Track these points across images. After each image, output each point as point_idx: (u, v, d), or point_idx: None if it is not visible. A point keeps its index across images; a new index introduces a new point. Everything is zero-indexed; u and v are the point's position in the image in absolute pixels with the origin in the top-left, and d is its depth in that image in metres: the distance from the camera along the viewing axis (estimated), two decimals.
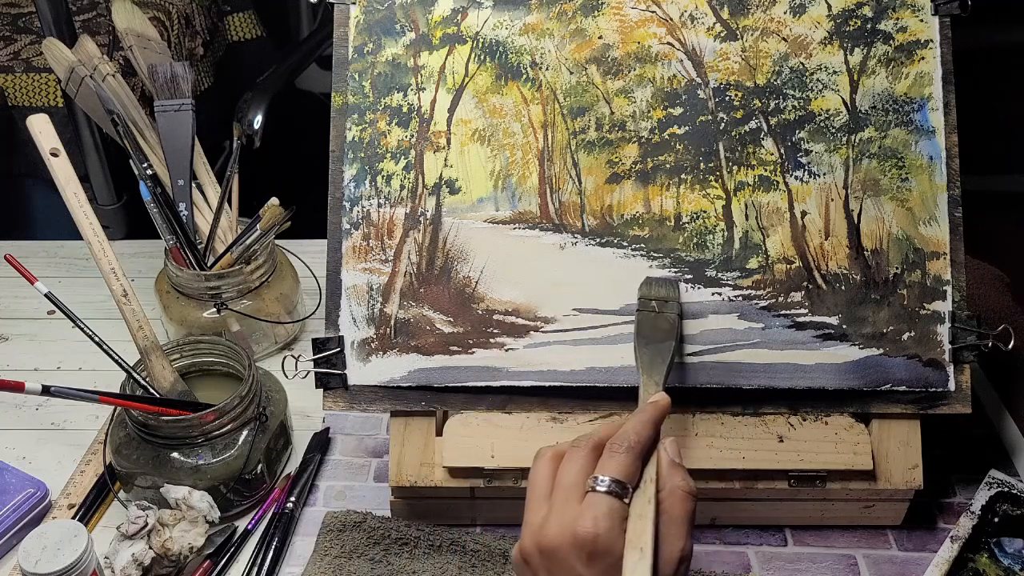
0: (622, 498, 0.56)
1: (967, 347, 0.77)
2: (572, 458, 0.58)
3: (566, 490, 0.57)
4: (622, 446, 0.58)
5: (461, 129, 0.80)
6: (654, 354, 0.70)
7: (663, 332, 0.72)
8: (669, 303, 0.74)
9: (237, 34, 1.64)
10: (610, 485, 0.56)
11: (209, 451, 0.81)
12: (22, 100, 1.29)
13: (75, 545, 0.70)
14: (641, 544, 0.54)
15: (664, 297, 0.75)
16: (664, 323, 0.73)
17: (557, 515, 0.56)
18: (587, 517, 0.54)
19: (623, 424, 0.60)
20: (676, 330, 0.73)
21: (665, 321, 0.73)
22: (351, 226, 0.79)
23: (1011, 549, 0.78)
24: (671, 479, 0.58)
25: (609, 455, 0.58)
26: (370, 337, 0.78)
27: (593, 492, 0.56)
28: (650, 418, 0.61)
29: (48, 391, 0.77)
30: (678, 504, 0.57)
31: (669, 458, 0.59)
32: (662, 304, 0.74)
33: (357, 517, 0.82)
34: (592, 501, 0.55)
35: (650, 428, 0.60)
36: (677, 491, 0.57)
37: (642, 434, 0.59)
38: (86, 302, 0.95)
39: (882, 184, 0.78)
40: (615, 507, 0.55)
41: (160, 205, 0.94)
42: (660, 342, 0.71)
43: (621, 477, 0.56)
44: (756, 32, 0.79)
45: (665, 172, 0.79)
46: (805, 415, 0.78)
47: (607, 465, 0.57)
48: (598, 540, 0.53)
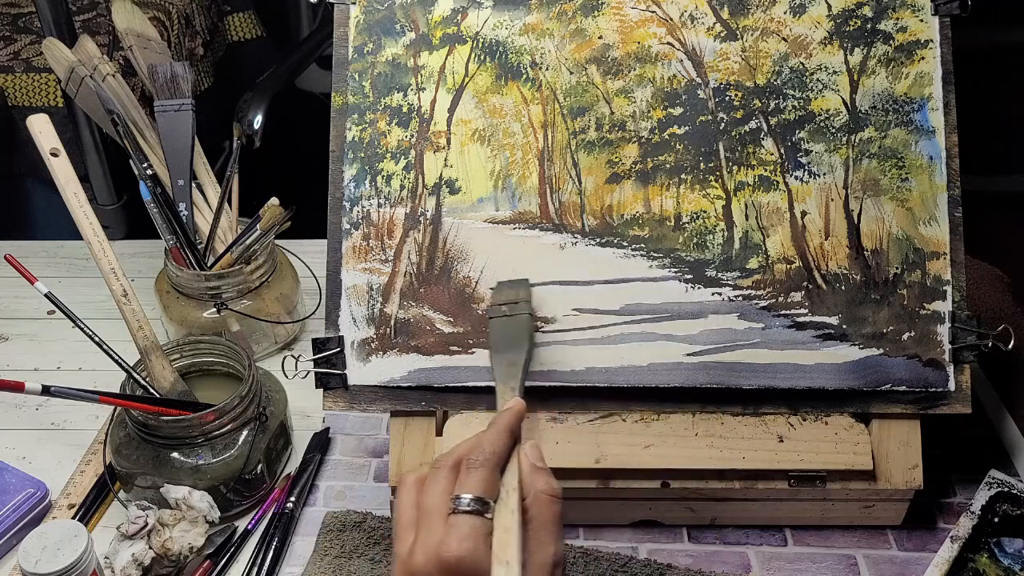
0: (484, 514, 0.54)
1: (967, 347, 0.77)
2: (433, 480, 0.57)
3: (430, 514, 0.55)
4: (478, 460, 0.56)
5: (461, 129, 0.80)
6: (507, 362, 0.68)
7: (515, 337, 0.70)
8: (519, 304, 0.73)
9: (237, 34, 1.64)
10: (471, 503, 0.54)
11: (209, 451, 0.81)
12: (22, 100, 1.29)
13: (75, 545, 0.70)
14: (507, 557, 0.52)
15: (514, 299, 0.73)
16: (514, 326, 0.71)
17: (422, 541, 0.54)
18: (451, 540, 0.53)
19: (479, 437, 0.59)
20: (528, 331, 0.71)
21: (515, 324, 0.71)
22: (351, 226, 0.79)
23: (1011, 549, 0.78)
24: (534, 485, 0.57)
25: (467, 472, 0.56)
26: (370, 337, 0.78)
27: (455, 513, 0.54)
28: (504, 426, 0.59)
29: (48, 391, 0.77)
30: (544, 509, 0.56)
31: (530, 463, 0.58)
32: (512, 307, 0.73)
33: (357, 517, 0.82)
34: (454, 523, 0.54)
35: (505, 437, 0.58)
36: (541, 496, 0.56)
37: (496, 444, 0.58)
38: (86, 302, 0.95)
39: (882, 184, 0.78)
40: (477, 525, 0.54)
41: (160, 205, 0.94)
42: (513, 348, 0.69)
43: (480, 493, 0.55)
44: (756, 32, 0.79)
45: (665, 172, 0.79)
46: (805, 415, 0.78)
47: (465, 483, 0.55)
48: (462, 562, 0.52)
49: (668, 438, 0.77)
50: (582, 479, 0.78)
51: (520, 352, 0.69)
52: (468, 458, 0.57)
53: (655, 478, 0.78)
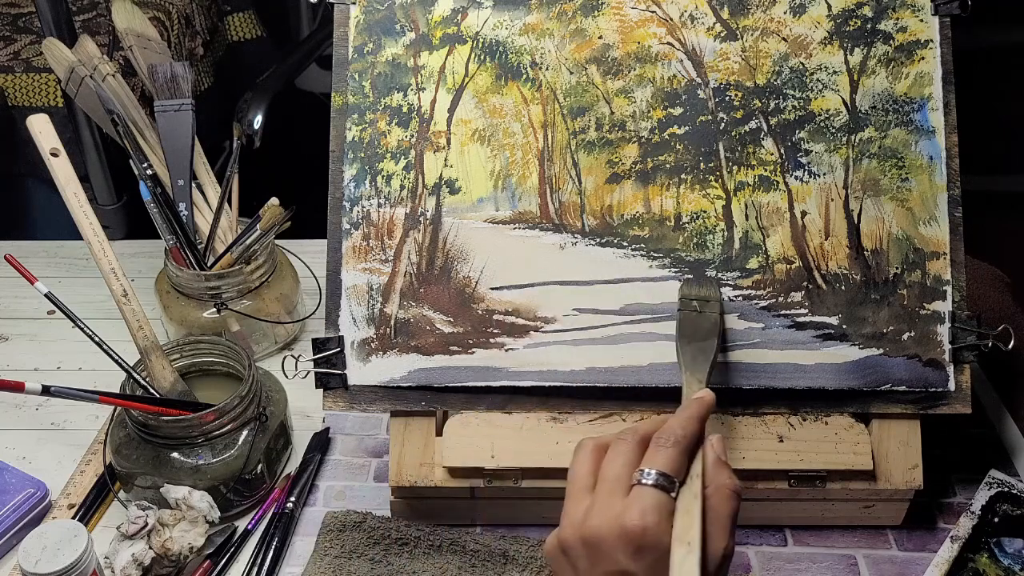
0: (669, 492, 0.55)
1: (967, 347, 0.77)
2: (618, 450, 0.57)
3: (611, 482, 0.56)
4: (669, 440, 0.57)
5: (461, 129, 0.80)
6: (696, 352, 0.69)
7: (705, 331, 0.72)
8: (711, 303, 0.74)
9: (237, 34, 1.64)
10: (657, 478, 0.55)
11: (209, 451, 0.81)
12: (22, 100, 1.29)
13: (75, 545, 0.70)
14: (688, 538, 0.53)
15: (705, 297, 0.75)
16: (706, 322, 0.73)
17: (602, 507, 0.55)
18: (634, 510, 0.53)
19: (669, 419, 0.59)
20: (718, 329, 0.73)
21: (707, 320, 0.73)
22: (351, 226, 0.79)
23: (1011, 549, 0.78)
24: (717, 477, 0.57)
25: (656, 448, 0.57)
26: (370, 337, 0.78)
27: (640, 485, 0.55)
28: (696, 414, 0.60)
29: (48, 391, 0.77)
30: (723, 502, 0.56)
31: (715, 455, 0.58)
32: (703, 304, 0.74)
33: (357, 517, 0.82)
34: (639, 494, 0.54)
35: (696, 424, 0.59)
36: (723, 489, 0.57)
37: (688, 429, 0.58)
38: (86, 302, 0.95)
39: (882, 184, 0.78)
40: (662, 501, 0.54)
41: (160, 205, 0.94)
42: (702, 340, 0.71)
43: (668, 471, 0.55)
44: (756, 32, 0.79)
45: (665, 172, 0.79)
46: (805, 415, 0.78)
47: (654, 459, 0.56)
48: (646, 533, 0.53)
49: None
50: None
51: (710, 346, 0.70)
52: (659, 436, 0.57)
53: None
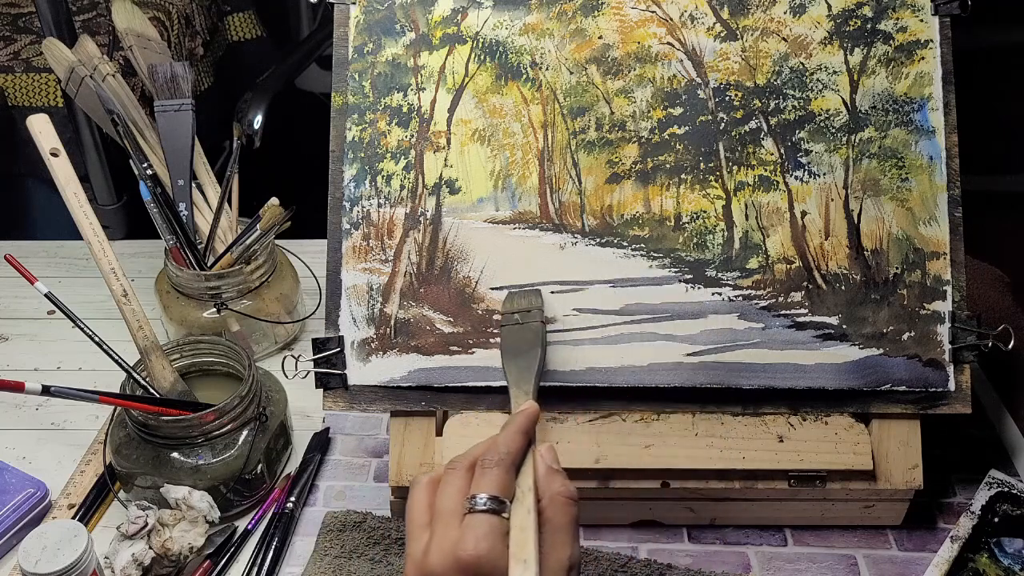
0: (500, 514, 0.54)
1: (967, 347, 0.77)
2: (448, 481, 0.57)
3: (445, 515, 0.55)
4: (493, 460, 0.56)
5: (461, 129, 0.80)
6: (521, 366, 0.69)
7: (527, 342, 0.71)
8: (532, 312, 0.74)
9: (237, 34, 1.64)
10: (487, 502, 0.54)
11: (209, 451, 0.81)
12: (22, 100, 1.29)
13: (75, 545, 0.70)
14: (524, 556, 0.52)
15: (526, 308, 0.74)
16: (528, 333, 0.72)
17: (438, 542, 0.54)
18: (468, 539, 0.52)
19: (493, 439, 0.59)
20: (541, 337, 0.72)
21: (528, 331, 0.72)
22: (351, 226, 0.79)
23: (1011, 549, 0.78)
24: (550, 486, 0.56)
25: (481, 472, 0.56)
26: (370, 337, 0.78)
27: (471, 513, 0.54)
28: (519, 427, 0.59)
29: (48, 391, 0.77)
30: (560, 511, 0.55)
31: (546, 465, 0.58)
32: (524, 315, 0.74)
33: (357, 517, 0.82)
34: (471, 522, 0.53)
35: (520, 438, 0.58)
36: (557, 498, 0.56)
37: (512, 445, 0.58)
38: (86, 302, 0.95)
39: (882, 184, 0.78)
40: (495, 524, 0.53)
41: (160, 205, 0.94)
42: (525, 352, 0.70)
43: (497, 492, 0.54)
44: (756, 32, 0.79)
45: (665, 172, 0.79)
46: (805, 415, 0.78)
47: (480, 483, 0.55)
48: (481, 562, 0.52)
49: (668, 438, 0.77)
50: (582, 479, 0.78)
51: (533, 357, 0.69)
52: (483, 458, 0.57)
53: (655, 478, 0.78)
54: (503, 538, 0.53)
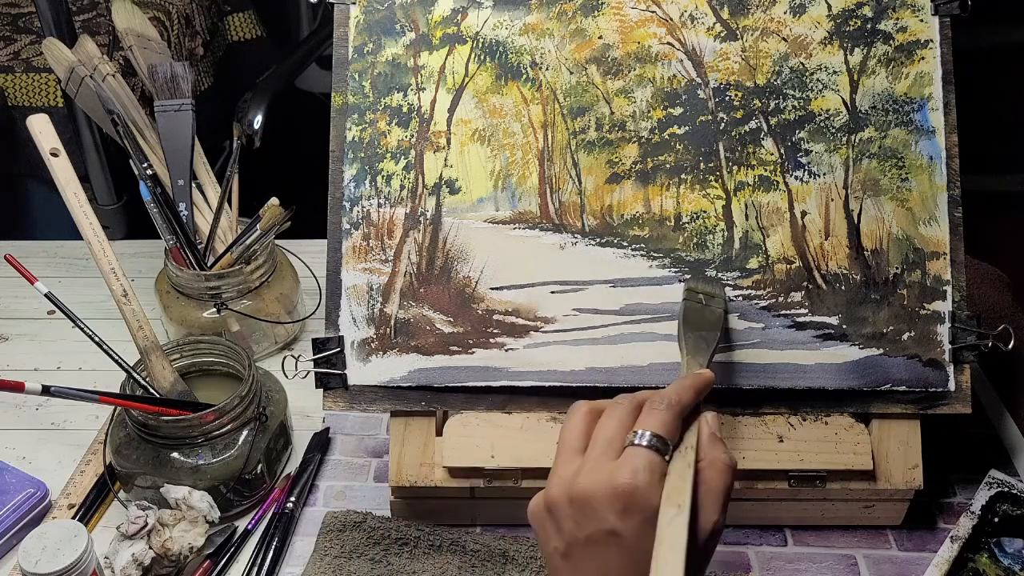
0: (663, 455, 0.54)
1: (967, 347, 0.77)
2: (612, 413, 0.57)
3: (604, 443, 0.55)
4: (663, 403, 0.57)
5: (461, 129, 0.80)
6: (699, 340, 0.70)
7: (709, 322, 0.73)
8: (716, 299, 0.75)
9: (237, 34, 1.64)
10: (651, 439, 0.54)
11: (209, 451, 0.81)
12: (22, 100, 1.29)
13: (75, 545, 0.70)
14: (679, 500, 0.52)
15: (711, 293, 0.75)
16: (710, 315, 0.74)
17: (593, 467, 0.54)
18: (626, 469, 0.53)
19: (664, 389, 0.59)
20: (722, 323, 0.73)
21: (711, 313, 0.74)
22: (351, 226, 0.79)
23: (1011, 549, 0.78)
24: (712, 450, 0.57)
25: (649, 411, 0.56)
26: (370, 337, 0.78)
27: (633, 446, 0.54)
28: (692, 384, 0.60)
29: (48, 391, 0.77)
30: (717, 476, 0.56)
31: (710, 430, 0.58)
32: (709, 298, 0.75)
33: (357, 517, 0.82)
34: (632, 454, 0.54)
35: (691, 393, 0.59)
36: (718, 462, 0.56)
37: (683, 396, 0.58)
38: (86, 302, 0.95)
39: (882, 184, 0.78)
40: (655, 461, 0.54)
41: (160, 205, 0.94)
42: (706, 330, 0.71)
43: (662, 432, 0.55)
44: (756, 32, 0.79)
45: (665, 172, 0.79)
46: (805, 415, 0.78)
47: (647, 420, 0.56)
48: (636, 492, 0.52)
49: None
50: None
51: (713, 337, 0.71)
52: (653, 400, 0.57)
53: None
54: (660, 478, 0.53)
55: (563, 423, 0.59)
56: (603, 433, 0.56)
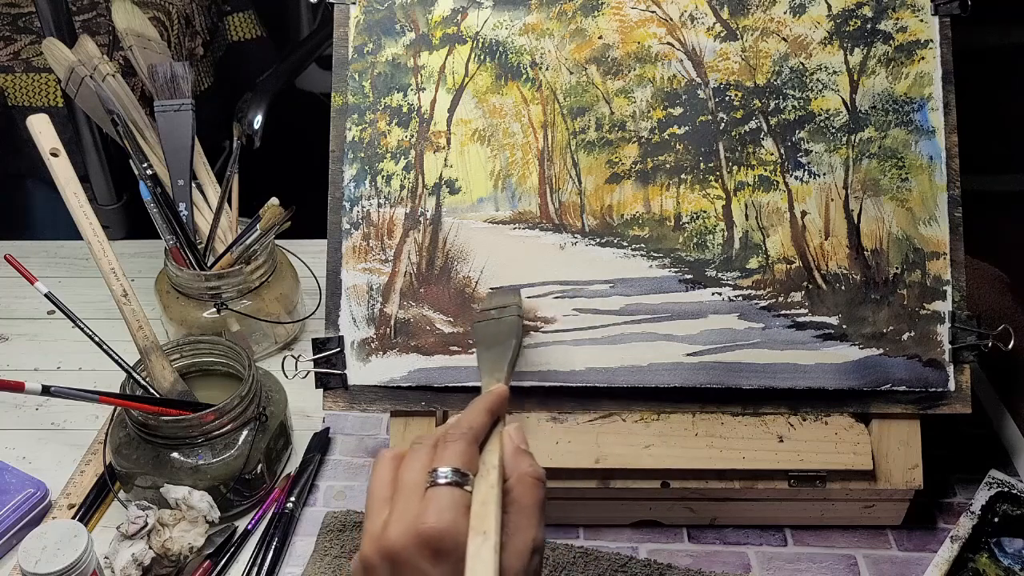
0: (463, 487, 0.52)
1: (967, 347, 0.77)
2: (412, 456, 0.55)
3: (407, 489, 0.53)
4: (456, 434, 0.55)
5: (461, 129, 0.80)
6: (493, 357, 0.67)
7: (503, 334, 0.70)
8: (508, 307, 0.73)
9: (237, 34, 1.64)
10: (449, 475, 0.52)
11: (209, 451, 0.81)
12: (22, 100, 1.29)
13: (75, 545, 0.70)
14: (485, 528, 0.50)
15: (503, 304, 0.74)
16: (503, 327, 0.71)
17: (398, 515, 0.52)
18: (430, 512, 0.51)
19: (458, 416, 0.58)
20: (516, 330, 0.71)
21: (504, 325, 0.71)
22: (351, 226, 0.79)
23: (1011, 549, 0.78)
24: (518, 466, 0.55)
25: (444, 446, 0.54)
26: (370, 337, 0.78)
27: (434, 486, 0.52)
28: (484, 405, 0.58)
29: (48, 391, 0.77)
30: (527, 492, 0.54)
31: (514, 444, 0.56)
32: (501, 311, 0.73)
33: (357, 517, 0.82)
34: (432, 495, 0.52)
35: (484, 415, 0.57)
36: (525, 478, 0.54)
37: (475, 420, 0.56)
38: (86, 302, 0.95)
39: (882, 184, 0.78)
40: (457, 497, 0.52)
41: (160, 205, 0.94)
42: (499, 345, 0.69)
43: (459, 465, 0.53)
44: (756, 32, 0.79)
45: (665, 172, 0.79)
46: (805, 415, 0.78)
47: (443, 456, 0.54)
48: (443, 535, 0.50)
49: (668, 438, 0.77)
50: (582, 479, 0.78)
51: (507, 347, 0.68)
52: (445, 433, 0.55)
53: (655, 478, 0.78)
54: (465, 512, 0.51)
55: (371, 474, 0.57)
56: (405, 478, 0.54)
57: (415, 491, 0.53)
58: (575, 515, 0.82)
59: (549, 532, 0.82)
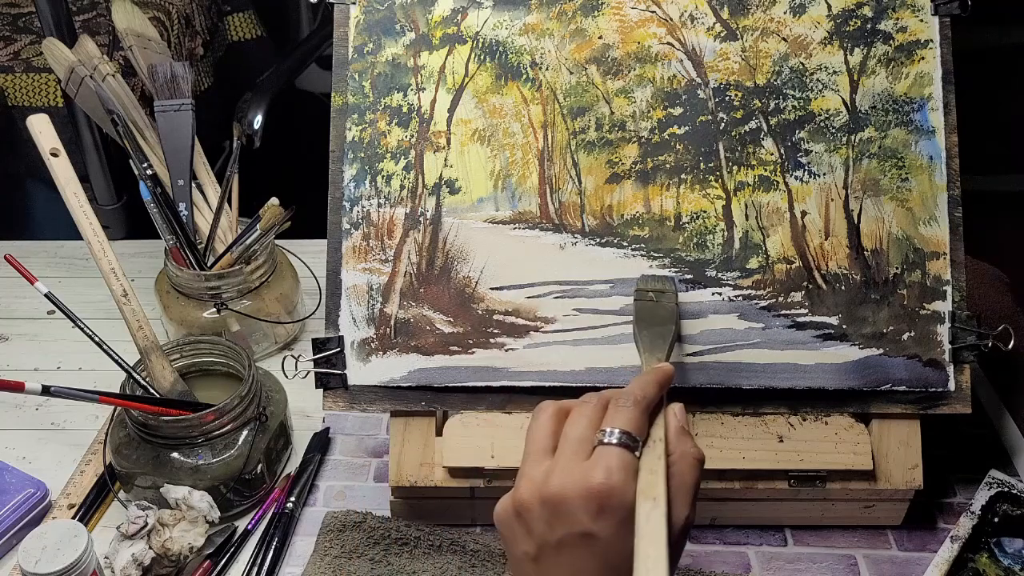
0: (633, 451, 0.54)
1: (967, 347, 0.77)
2: (580, 413, 0.56)
3: (574, 443, 0.54)
4: (629, 400, 0.56)
5: (461, 129, 0.80)
6: (654, 336, 0.70)
7: (661, 318, 0.72)
8: (666, 294, 0.75)
9: (237, 34, 1.64)
10: (620, 437, 0.53)
11: (209, 451, 0.81)
12: (22, 100, 1.29)
13: (75, 545, 0.70)
14: (654, 494, 0.52)
15: (661, 289, 0.75)
16: (662, 311, 0.73)
17: (564, 468, 0.53)
18: (599, 468, 0.52)
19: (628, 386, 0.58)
20: (675, 317, 0.73)
21: (663, 309, 0.73)
22: (351, 226, 0.79)
23: (1011, 549, 0.78)
24: (681, 444, 0.56)
25: (616, 408, 0.56)
26: (370, 337, 0.78)
27: (603, 445, 0.54)
28: (654, 378, 0.59)
29: (48, 391, 0.77)
30: (688, 470, 0.55)
31: (678, 423, 0.58)
32: (659, 295, 0.75)
33: (357, 517, 0.82)
34: (603, 453, 0.53)
35: (654, 387, 0.58)
36: (688, 456, 0.56)
37: (647, 391, 0.57)
38: (86, 302, 0.95)
39: (882, 184, 0.78)
40: (627, 459, 0.53)
41: (160, 205, 0.94)
42: (660, 325, 0.71)
43: (631, 429, 0.54)
44: (756, 32, 0.79)
45: (665, 172, 0.79)
46: (805, 415, 0.78)
47: (615, 418, 0.55)
48: (612, 492, 0.51)
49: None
50: None
51: (668, 330, 0.70)
52: (617, 397, 0.56)
53: None
54: (633, 475, 0.53)
55: (530, 423, 0.58)
56: (572, 433, 0.55)
57: (583, 445, 0.54)
58: None
59: None
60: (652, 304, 0.74)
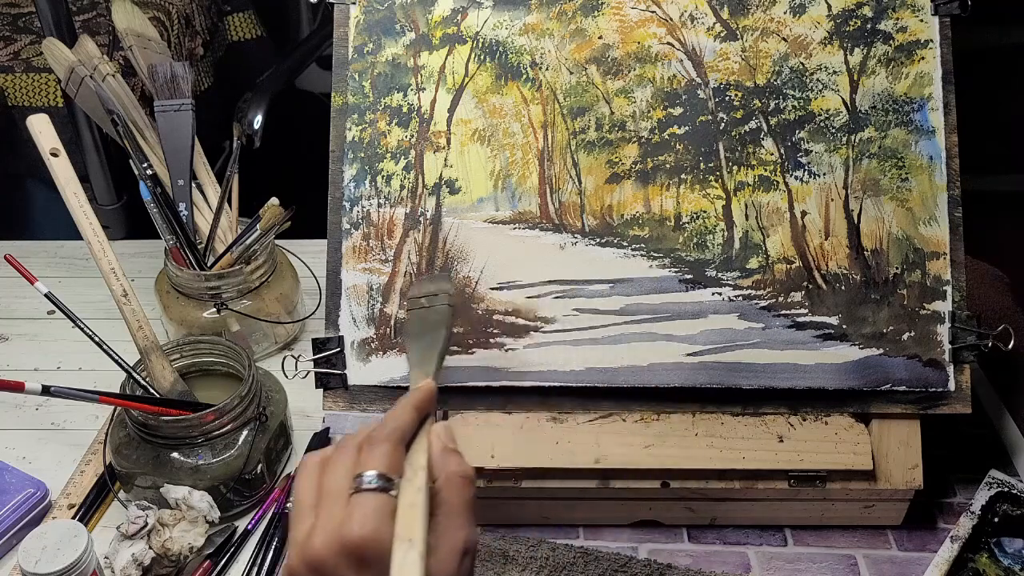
0: (388, 492, 0.50)
1: (967, 347, 0.77)
2: (336, 460, 0.53)
3: (331, 495, 0.51)
4: (380, 436, 0.52)
5: (461, 129, 0.80)
6: (424, 348, 0.65)
7: (432, 323, 0.67)
8: (439, 295, 0.70)
9: (237, 34, 1.63)
10: (373, 480, 0.50)
11: (209, 451, 0.81)
12: (22, 100, 1.29)
13: (75, 545, 0.70)
14: (410, 535, 0.48)
15: (433, 292, 0.70)
16: (433, 315, 0.68)
17: (323, 523, 0.50)
18: (354, 519, 0.49)
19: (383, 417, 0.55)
20: (447, 320, 0.67)
21: (434, 313, 0.68)
22: (351, 226, 0.79)
23: (1011, 549, 0.78)
24: (446, 466, 0.53)
25: (368, 450, 0.52)
26: (370, 337, 0.78)
27: (358, 492, 0.50)
28: (410, 403, 0.56)
29: (48, 391, 0.77)
30: (455, 492, 0.52)
31: (441, 444, 0.54)
32: (431, 299, 0.70)
33: None
34: (357, 502, 0.50)
35: (410, 413, 0.55)
36: (453, 478, 0.52)
37: (400, 420, 0.54)
38: (86, 302, 0.95)
39: (882, 184, 0.78)
40: (382, 503, 0.50)
41: (160, 205, 0.94)
42: (430, 333, 0.66)
43: (384, 469, 0.51)
44: (756, 32, 0.79)
45: (665, 172, 0.79)
46: (805, 415, 0.78)
47: (368, 460, 0.51)
48: (367, 544, 0.48)
49: (668, 438, 0.77)
50: (582, 479, 0.78)
51: (437, 338, 0.65)
52: (369, 436, 0.53)
53: (655, 478, 0.78)
54: (390, 518, 0.49)
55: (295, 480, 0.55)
56: (328, 484, 0.52)
57: (339, 497, 0.51)
58: (575, 515, 0.82)
59: (549, 532, 0.82)
60: (423, 311, 0.69)
